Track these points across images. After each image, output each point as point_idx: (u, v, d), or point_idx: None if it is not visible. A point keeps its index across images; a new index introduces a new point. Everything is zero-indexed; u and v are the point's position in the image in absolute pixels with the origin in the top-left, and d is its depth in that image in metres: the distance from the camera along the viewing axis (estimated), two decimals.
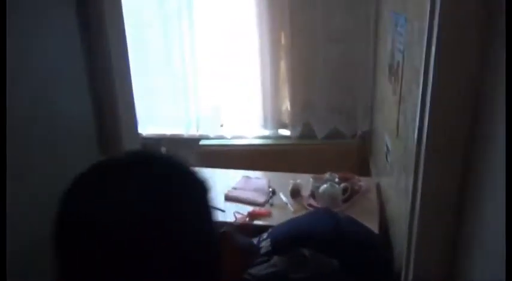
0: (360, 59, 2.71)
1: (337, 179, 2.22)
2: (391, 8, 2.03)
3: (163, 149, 3.22)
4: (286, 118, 2.99)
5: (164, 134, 3.12)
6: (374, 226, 1.98)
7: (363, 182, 2.37)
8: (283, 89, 2.91)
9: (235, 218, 2.07)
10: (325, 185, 2.14)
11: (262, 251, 1.56)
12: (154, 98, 3.07)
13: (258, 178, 2.47)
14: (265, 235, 1.69)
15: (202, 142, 3.02)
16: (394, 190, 1.91)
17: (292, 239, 1.58)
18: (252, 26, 2.78)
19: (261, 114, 2.98)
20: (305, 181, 2.30)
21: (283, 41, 2.79)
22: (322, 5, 2.63)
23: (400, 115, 1.71)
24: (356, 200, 2.21)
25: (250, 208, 2.17)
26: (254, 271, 1.46)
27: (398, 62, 1.76)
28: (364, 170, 2.81)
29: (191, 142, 3.10)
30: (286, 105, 2.95)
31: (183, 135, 3.09)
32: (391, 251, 1.87)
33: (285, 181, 2.35)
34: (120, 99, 0.89)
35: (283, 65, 2.85)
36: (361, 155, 2.87)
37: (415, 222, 1.33)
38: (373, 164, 2.67)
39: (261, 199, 2.23)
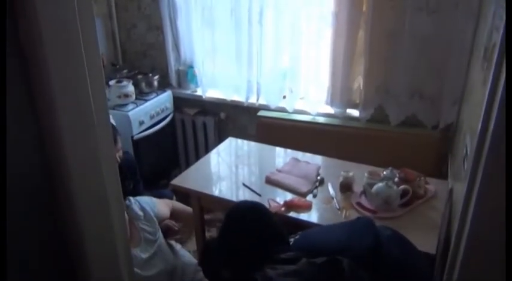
0: (456, 36, 2.20)
1: (397, 179, 1.86)
2: None
3: (222, 115, 3.08)
4: (356, 97, 2.61)
5: (224, 99, 2.95)
6: (432, 244, 1.63)
7: (431, 185, 1.98)
8: (358, 64, 2.51)
9: (269, 205, 1.84)
10: (380, 184, 1.81)
11: (282, 256, 1.31)
12: (218, 61, 2.90)
13: (307, 162, 2.19)
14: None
15: (261, 113, 2.79)
16: (462, 203, 1.52)
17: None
18: None
19: (328, 89, 2.63)
20: (361, 173, 1.98)
21: (364, 7, 2.37)
22: None
23: None
24: (417, 207, 1.85)
25: (289, 196, 1.93)
26: (272, 272, 1.22)
27: (494, 45, 1.32)
28: (441, 170, 2.38)
29: (251, 111, 2.90)
30: (359, 82, 2.55)
31: (243, 103, 2.88)
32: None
33: (338, 169, 2.05)
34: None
35: (361, 36, 2.45)
36: (440, 151, 2.42)
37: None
38: (452, 165, 2.23)
39: (304, 187, 1.97)
